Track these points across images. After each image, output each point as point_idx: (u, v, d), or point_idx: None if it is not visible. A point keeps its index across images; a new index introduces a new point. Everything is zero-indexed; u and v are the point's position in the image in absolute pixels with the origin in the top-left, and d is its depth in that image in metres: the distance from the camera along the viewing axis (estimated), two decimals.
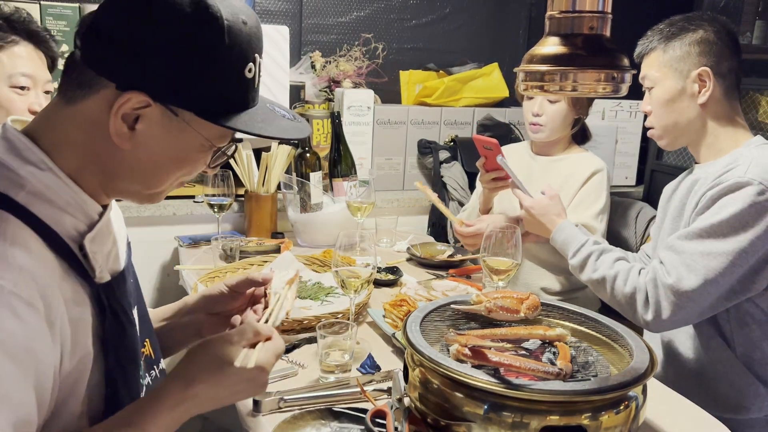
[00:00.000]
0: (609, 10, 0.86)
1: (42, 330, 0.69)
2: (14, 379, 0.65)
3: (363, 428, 1.04)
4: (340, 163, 2.28)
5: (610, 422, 0.89)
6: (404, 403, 1.00)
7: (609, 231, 1.95)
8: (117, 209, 0.93)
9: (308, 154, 2.22)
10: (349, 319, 1.34)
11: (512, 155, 1.86)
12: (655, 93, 1.49)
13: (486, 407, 0.89)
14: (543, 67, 0.86)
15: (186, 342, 1.08)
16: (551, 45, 0.87)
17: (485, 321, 1.15)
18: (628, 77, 0.87)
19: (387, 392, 1.16)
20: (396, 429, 0.96)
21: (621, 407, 0.91)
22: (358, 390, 1.13)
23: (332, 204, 2.18)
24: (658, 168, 2.89)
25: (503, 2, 2.97)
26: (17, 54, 1.34)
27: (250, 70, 0.80)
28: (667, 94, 1.48)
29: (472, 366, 0.94)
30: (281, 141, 2.21)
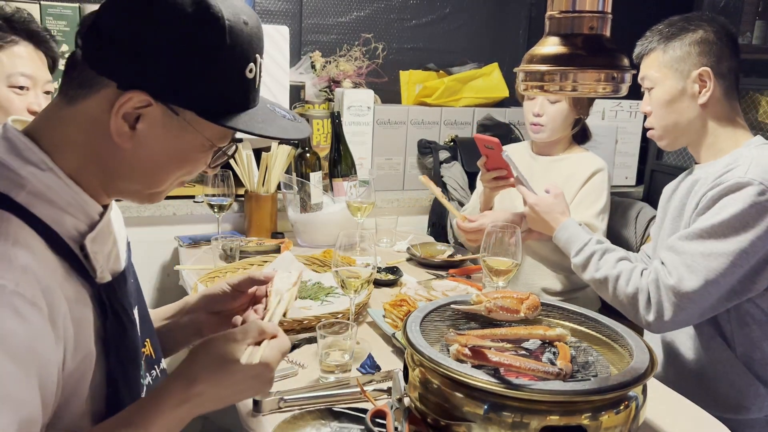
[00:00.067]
0: (609, 10, 0.86)
1: (45, 329, 0.69)
2: (17, 379, 0.65)
3: (363, 428, 1.04)
4: (340, 163, 2.28)
5: (610, 422, 0.89)
6: (404, 403, 1.00)
7: (609, 231, 1.95)
8: (117, 209, 0.93)
9: (308, 154, 2.22)
10: (349, 319, 1.34)
11: (513, 155, 1.85)
12: (655, 93, 1.49)
13: (486, 407, 0.89)
14: (543, 67, 0.86)
15: (187, 342, 1.08)
16: (551, 45, 0.87)
17: (485, 321, 1.15)
18: (628, 77, 0.87)
19: (387, 392, 1.16)
20: (396, 429, 0.96)
21: (621, 407, 0.91)
22: (358, 390, 1.13)
23: (332, 204, 2.18)
24: (658, 168, 2.89)
25: (503, 2, 2.97)
26: (17, 54, 1.34)
27: (251, 71, 0.80)
28: (668, 95, 1.47)
29: (472, 366, 0.94)
30: (281, 141, 2.21)
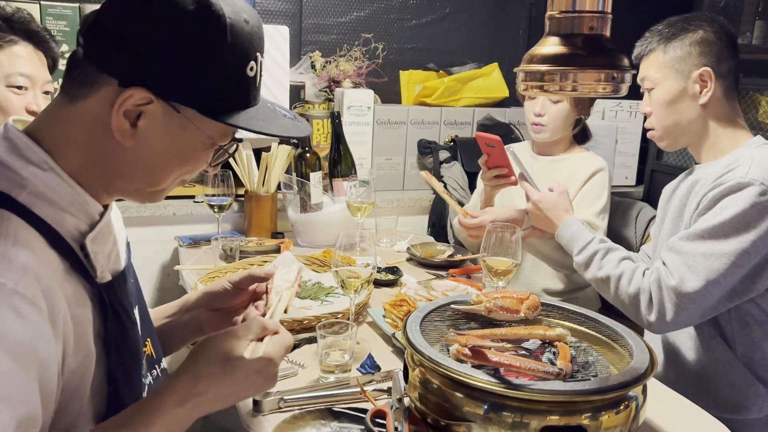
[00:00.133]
0: (609, 10, 0.86)
1: (45, 329, 0.69)
2: (16, 378, 0.65)
3: (363, 428, 1.04)
4: (340, 163, 2.28)
5: (610, 422, 0.89)
6: (404, 403, 1.00)
7: (609, 231, 1.95)
8: (116, 210, 0.93)
9: (308, 154, 2.22)
10: (349, 319, 1.34)
11: (511, 157, 1.85)
12: (656, 94, 1.49)
13: (486, 407, 0.89)
14: (543, 67, 0.86)
15: (188, 339, 1.08)
16: (551, 45, 0.87)
17: (485, 321, 1.15)
18: (628, 77, 0.86)
19: (387, 392, 1.16)
20: (396, 429, 0.96)
21: (621, 407, 0.91)
22: (358, 390, 1.13)
23: (332, 204, 2.18)
24: (658, 168, 2.90)
25: (503, 2, 2.97)
26: (16, 54, 1.34)
27: (252, 69, 0.80)
28: (668, 95, 1.47)
29: (472, 366, 0.94)
30: (281, 141, 2.21)
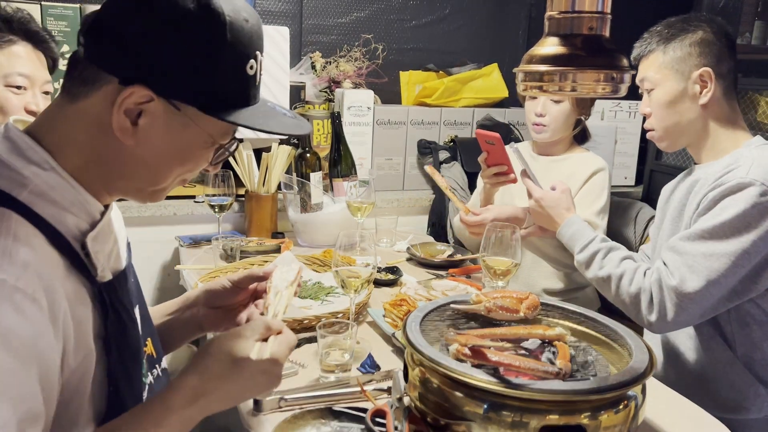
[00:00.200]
0: (608, 11, 0.86)
1: (45, 325, 0.69)
2: (16, 374, 0.65)
3: (363, 428, 1.04)
4: (340, 163, 2.28)
5: (610, 422, 0.89)
6: (404, 403, 1.00)
7: (609, 231, 1.95)
8: (116, 210, 0.93)
9: (308, 154, 2.22)
10: (349, 319, 1.34)
11: (514, 155, 1.85)
12: (656, 95, 1.48)
13: (486, 406, 0.89)
14: (542, 68, 0.86)
15: (188, 337, 1.09)
16: (550, 45, 0.87)
17: (485, 321, 1.15)
18: (628, 77, 0.87)
19: (387, 392, 1.16)
20: (396, 428, 0.96)
21: (620, 407, 0.91)
22: (358, 389, 1.13)
23: (332, 204, 2.18)
24: (658, 168, 2.90)
25: (503, 2, 2.97)
26: (15, 54, 1.34)
27: (252, 67, 0.80)
28: (669, 96, 1.47)
29: (472, 365, 0.94)
30: (282, 141, 2.22)
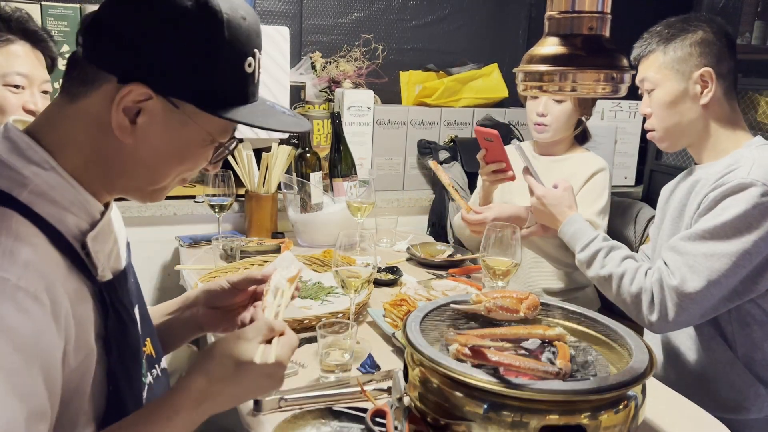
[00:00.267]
0: (608, 11, 0.86)
1: (47, 324, 0.69)
2: (22, 372, 0.66)
3: (363, 428, 1.04)
4: (340, 163, 2.28)
5: (610, 422, 0.89)
6: (404, 403, 1.00)
7: (609, 231, 1.95)
8: (116, 209, 0.93)
9: (308, 155, 2.22)
10: (349, 319, 1.34)
11: (514, 155, 1.85)
12: (657, 95, 1.48)
13: (486, 406, 0.89)
14: (542, 68, 0.86)
15: (187, 337, 1.09)
16: (550, 45, 0.87)
17: (485, 321, 1.15)
18: (628, 77, 0.87)
19: (387, 392, 1.16)
20: (396, 428, 0.96)
21: (620, 407, 0.91)
22: (358, 389, 1.14)
23: (332, 204, 2.18)
24: (658, 168, 2.90)
25: (503, 2, 2.97)
26: (13, 53, 1.34)
27: (250, 65, 0.80)
28: (669, 96, 1.46)
29: (472, 365, 0.94)
30: (281, 141, 2.22)
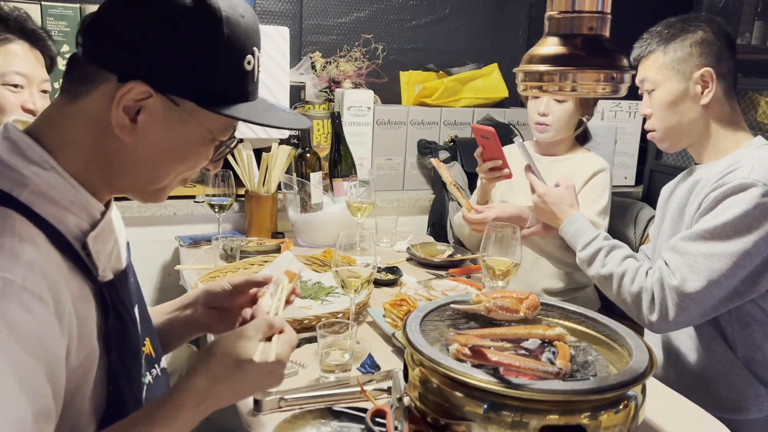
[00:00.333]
0: (608, 11, 0.86)
1: (52, 324, 0.70)
2: (30, 371, 0.66)
3: (363, 427, 1.04)
4: (340, 163, 2.28)
5: (610, 422, 0.89)
6: (404, 403, 1.00)
7: (609, 231, 1.95)
8: (116, 209, 0.93)
9: (308, 154, 2.22)
10: (349, 319, 1.34)
11: (516, 155, 1.85)
12: (657, 95, 1.48)
13: (486, 406, 0.89)
14: (542, 68, 0.86)
15: (187, 336, 1.09)
16: (550, 45, 0.87)
17: (485, 321, 1.15)
18: (628, 77, 0.87)
19: (387, 391, 1.16)
20: (396, 428, 0.97)
21: (620, 407, 0.91)
22: (359, 389, 1.14)
23: (332, 204, 2.18)
24: (658, 168, 2.90)
25: (503, 2, 2.97)
26: (11, 52, 1.34)
27: (249, 63, 0.81)
28: (670, 96, 1.46)
29: (472, 365, 0.94)
30: (281, 141, 2.22)
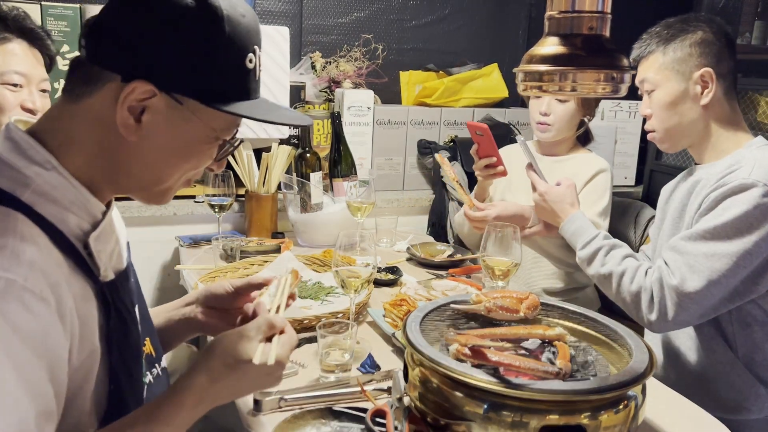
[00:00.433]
0: (608, 11, 0.86)
1: (54, 323, 0.70)
2: (32, 371, 0.66)
3: (363, 427, 1.04)
4: (340, 163, 2.28)
5: (610, 422, 0.90)
6: (404, 403, 1.00)
7: (609, 231, 1.95)
8: (116, 209, 0.93)
9: (308, 154, 2.22)
10: (349, 319, 1.34)
11: (516, 155, 1.85)
12: (657, 96, 1.48)
13: (486, 406, 0.89)
14: (542, 67, 0.86)
15: (186, 335, 1.09)
16: (550, 45, 0.87)
17: (485, 321, 1.15)
18: (628, 77, 0.87)
19: (387, 391, 1.16)
20: (396, 428, 0.97)
21: (620, 407, 0.91)
22: (359, 389, 1.14)
23: (332, 204, 2.18)
24: (658, 168, 2.90)
25: (503, 2, 2.97)
26: (10, 51, 1.33)
27: (251, 61, 0.81)
28: (670, 97, 1.46)
29: (472, 365, 0.94)
30: (281, 141, 2.22)
